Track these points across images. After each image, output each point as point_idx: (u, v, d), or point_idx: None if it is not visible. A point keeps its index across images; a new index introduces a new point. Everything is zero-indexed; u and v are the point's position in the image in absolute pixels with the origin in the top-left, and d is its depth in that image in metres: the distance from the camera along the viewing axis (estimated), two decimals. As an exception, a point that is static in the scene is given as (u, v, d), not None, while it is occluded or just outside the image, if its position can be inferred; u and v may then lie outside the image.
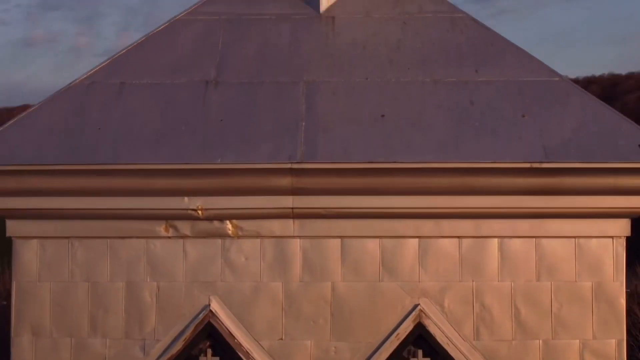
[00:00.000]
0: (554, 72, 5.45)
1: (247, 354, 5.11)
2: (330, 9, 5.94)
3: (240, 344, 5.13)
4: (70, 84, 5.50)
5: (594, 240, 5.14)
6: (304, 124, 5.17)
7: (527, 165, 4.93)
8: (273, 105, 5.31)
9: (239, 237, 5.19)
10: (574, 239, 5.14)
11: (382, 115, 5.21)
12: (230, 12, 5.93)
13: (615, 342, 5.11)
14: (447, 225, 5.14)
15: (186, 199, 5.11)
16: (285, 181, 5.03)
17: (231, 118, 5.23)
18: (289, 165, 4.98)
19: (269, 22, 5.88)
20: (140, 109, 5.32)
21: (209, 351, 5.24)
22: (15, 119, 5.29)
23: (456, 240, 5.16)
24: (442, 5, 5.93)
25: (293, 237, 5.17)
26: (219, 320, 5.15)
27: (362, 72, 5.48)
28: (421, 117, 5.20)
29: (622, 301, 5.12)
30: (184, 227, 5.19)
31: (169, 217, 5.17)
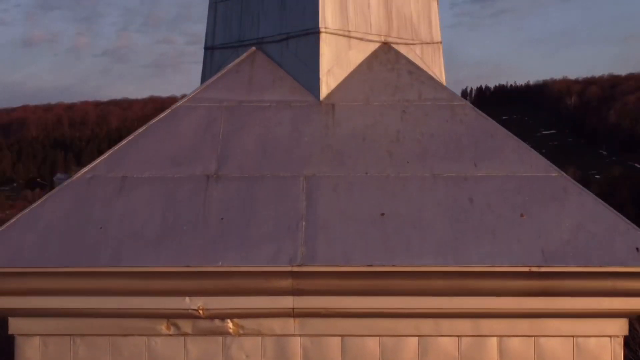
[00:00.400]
0: (552, 167, 5.48)
1: None
2: (330, 95, 5.97)
3: None
4: (72, 178, 5.54)
5: (592, 339, 5.17)
6: (304, 223, 5.20)
7: (526, 269, 4.97)
8: (273, 201, 5.34)
9: (240, 335, 5.23)
10: (572, 338, 5.18)
11: (382, 214, 5.24)
12: (230, 99, 5.96)
13: None
14: (447, 325, 5.18)
15: (187, 299, 5.15)
16: (285, 283, 5.07)
17: (232, 217, 5.26)
18: (289, 269, 5.02)
19: (269, 109, 5.91)
20: (142, 205, 5.35)
21: None
22: (18, 217, 5.32)
23: (456, 339, 5.19)
24: (442, 93, 5.96)
25: (294, 335, 5.21)
26: (220, 417, 5.19)
27: (362, 166, 5.51)
28: (420, 216, 5.23)
29: (620, 400, 5.17)
30: (185, 325, 5.22)
31: (170, 316, 5.21)
